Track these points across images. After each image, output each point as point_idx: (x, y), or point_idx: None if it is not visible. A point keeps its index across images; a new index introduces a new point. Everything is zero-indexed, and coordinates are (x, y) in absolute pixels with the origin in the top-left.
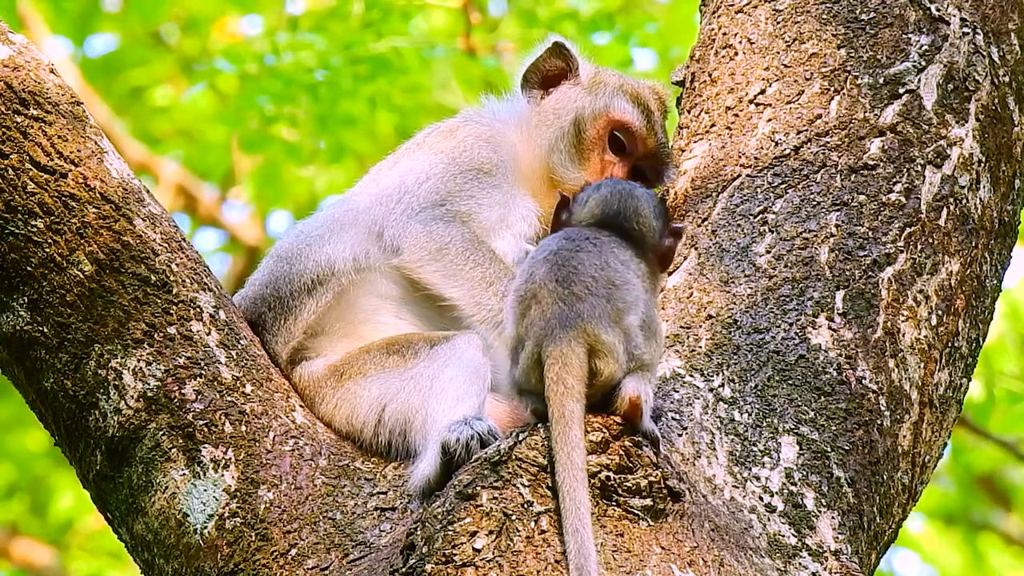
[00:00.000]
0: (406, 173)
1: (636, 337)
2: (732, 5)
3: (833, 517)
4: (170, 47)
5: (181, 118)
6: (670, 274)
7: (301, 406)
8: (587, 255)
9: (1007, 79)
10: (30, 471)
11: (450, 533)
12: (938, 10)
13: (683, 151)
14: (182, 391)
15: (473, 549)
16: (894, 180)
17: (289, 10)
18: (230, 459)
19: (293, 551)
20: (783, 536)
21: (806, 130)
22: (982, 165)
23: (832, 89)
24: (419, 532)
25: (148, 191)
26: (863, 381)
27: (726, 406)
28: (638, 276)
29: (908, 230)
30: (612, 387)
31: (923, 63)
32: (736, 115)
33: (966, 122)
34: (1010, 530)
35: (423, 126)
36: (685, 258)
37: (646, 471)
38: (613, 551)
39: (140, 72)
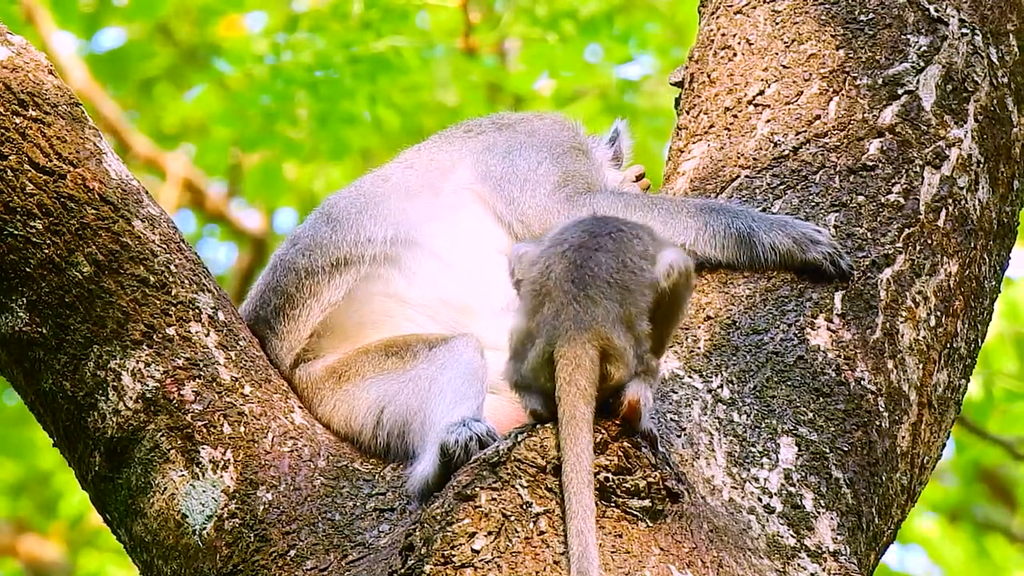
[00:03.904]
0: (512, 157)
1: (646, 342)
2: (731, 6)
3: (832, 518)
4: (177, 42)
5: (189, 114)
6: None
7: (300, 407)
8: (605, 255)
9: (1006, 80)
10: (38, 466)
11: (449, 534)
12: (937, 11)
13: (682, 152)
14: (181, 392)
15: (472, 550)
16: (893, 181)
17: (294, 8)
18: (229, 460)
19: (292, 552)
20: (782, 537)
21: (805, 131)
22: (981, 166)
23: (831, 90)
24: (418, 533)
25: (147, 192)
26: (862, 382)
27: (725, 407)
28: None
29: (907, 231)
30: (618, 390)
31: (922, 64)
32: (735, 116)
33: (965, 123)
34: (1012, 529)
35: (425, 124)
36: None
37: (645, 472)
38: (612, 552)
39: (148, 66)
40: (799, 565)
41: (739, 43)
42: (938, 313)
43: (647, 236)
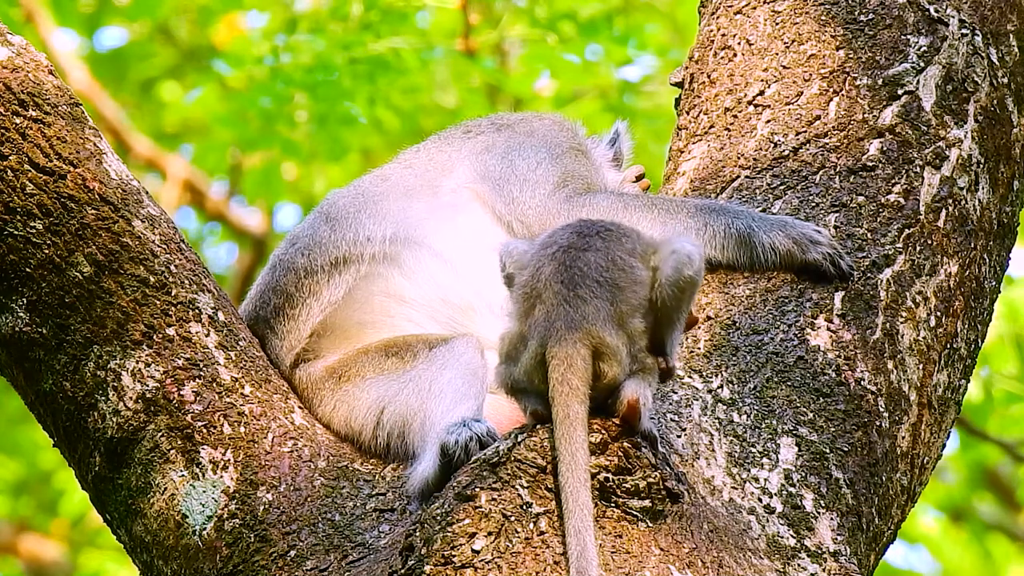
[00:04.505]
0: (511, 157)
1: (640, 340)
2: (731, 6)
3: (832, 518)
4: (177, 42)
5: (189, 114)
6: None
7: (300, 407)
8: (594, 254)
9: (1006, 80)
10: (39, 465)
11: (449, 534)
12: (937, 11)
13: (682, 152)
14: (181, 392)
15: (472, 550)
16: (893, 181)
17: (293, 9)
18: (229, 460)
19: (292, 552)
20: (782, 537)
21: (805, 131)
22: (981, 166)
23: (831, 90)
24: (418, 533)
25: (147, 192)
26: (862, 382)
27: (725, 407)
28: (648, 267)
29: (907, 231)
30: (614, 389)
31: (922, 64)
32: (735, 116)
33: (965, 123)
34: (1015, 528)
35: (424, 126)
36: None
37: (645, 472)
38: (612, 552)
39: (148, 66)
40: (799, 565)
41: (739, 43)
42: (938, 313)
43: (635, 235)
